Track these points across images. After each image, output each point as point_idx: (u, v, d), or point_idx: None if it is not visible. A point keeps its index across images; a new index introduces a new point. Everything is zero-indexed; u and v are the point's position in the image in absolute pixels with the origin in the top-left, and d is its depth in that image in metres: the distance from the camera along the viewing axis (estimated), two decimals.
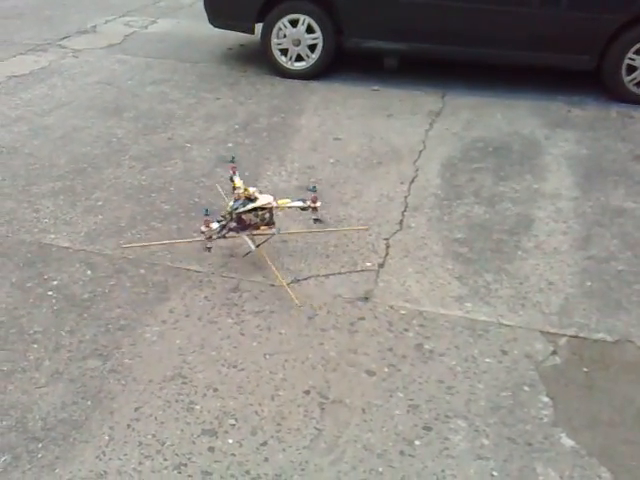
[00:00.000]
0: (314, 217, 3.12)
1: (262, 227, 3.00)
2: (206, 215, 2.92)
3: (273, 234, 3.05)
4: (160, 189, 3.75)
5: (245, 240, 3.03)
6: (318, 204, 3.05)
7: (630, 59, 4.89)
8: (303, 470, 2.09)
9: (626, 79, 4.95)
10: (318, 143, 4.41)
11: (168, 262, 3.10)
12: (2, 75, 5.40)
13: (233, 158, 3.30)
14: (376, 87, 5.39)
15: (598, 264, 3.12)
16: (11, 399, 2.28)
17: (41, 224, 3.33)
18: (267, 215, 2.99)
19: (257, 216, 2.96)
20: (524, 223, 3.47)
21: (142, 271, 3.04)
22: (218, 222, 2.96)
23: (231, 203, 2.96)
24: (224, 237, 3.01)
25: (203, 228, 2.93)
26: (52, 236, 3.25)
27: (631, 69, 4.92)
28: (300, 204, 3.07)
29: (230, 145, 4.35)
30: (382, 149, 4.33)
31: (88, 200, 3.60)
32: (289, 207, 3.08)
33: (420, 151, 4.31)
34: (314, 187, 3.10)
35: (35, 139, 4.27)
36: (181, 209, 3.56)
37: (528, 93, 5.20)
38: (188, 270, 3.05)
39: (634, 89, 4.97)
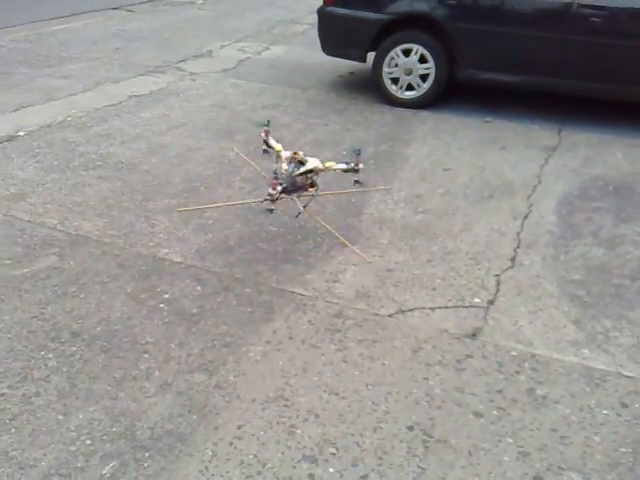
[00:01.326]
0: (355, 179, 3.42)
1: (308, 188, 3.29)
2: (275, 178, 3.12)
3: (314, 195, 3.35)
4: (269, 213, 3.82)
5: (295, 202, 3.30)
6: (361, 166, 3.33)
7: None
8: None
9: None
10: (427, 173, 4.39)
11: (274, 283, 3.14)
12: (124, 94, 5.72)
13: (268, 122, 3.51)
14: (488, 118, 5.32)
15: None
16: (122, 406, 2.36)
17: (156, 238, 3.47)
18: (315, 177, 3.27)
19: (307, 178, 3.23)
20: None
21: (248, 290, 3.10)
22: (280, 185, 3.15)
23: (285, 166, 3.18)
24: (278, 199, 3.22)
25: (271, 190, 3.12)
26: (166, 250, 3.37)
27: None
28: (344, 166, 3.36)
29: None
30: (494, 182, 4.25)
31: (200, 218, 3.72)
32: (334, 169, 3.34)
33: (535, 186, 4.19)
34: (359, 150, 3.35)
35: (153, 157, 4.48)
36: (287, 231, 3.61)
37: None
38: (293, 293, 3.08)
39: None
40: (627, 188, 4.15)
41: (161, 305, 2.96)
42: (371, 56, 5.70)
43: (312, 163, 3.24)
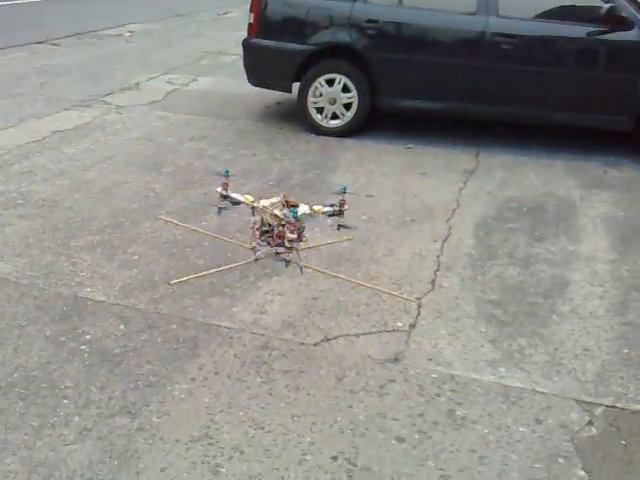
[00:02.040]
0: (339, 223, 3.23)
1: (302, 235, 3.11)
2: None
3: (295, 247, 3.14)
4: (195, 244, 3.80)
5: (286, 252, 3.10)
6: (346, 207, 3.15)
7: None
8: None
9: None
10: (351, 199, 4.41)
11: (200, 317, 3.11)
12: (47, 130, 5.60)
13: (227, 172, 3.25)
14: (410, 145, 5.44)
15: (636, 330, 3.04)
16: (39, 456, 2.28)
17: (78, 277, 3.39)
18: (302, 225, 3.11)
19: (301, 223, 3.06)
20: (559, 286, 3.41)
21: (173, 326, 3.05)
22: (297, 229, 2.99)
23: (278, 212, 2.96)
24: (268, 245, 3.06)
25: (290, 235, 2.97)
26: (88, 289, 3.30)
27: None
28: (329, 209, 3.19)
29: None
30: (415, 207, 4.34)
31: (125, 254, 3.65)
32: (322, 213, 3.18)
33: (454, 209, 4.30)
34: (344, 188, 3.14)
35: (76, 193, 4.38)
36: (214, 264, 3.58)
37: (563, 153, 5.19)
38: (219, 326, 3.05)
39: None
40: (540, 208, 4.30)
41: (82, 347, 2.88)
42: (296, 86, 5.75)
43: (302, 207, 3.06)
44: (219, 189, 3.11)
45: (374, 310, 3.23)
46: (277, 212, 2.90)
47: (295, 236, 2.91)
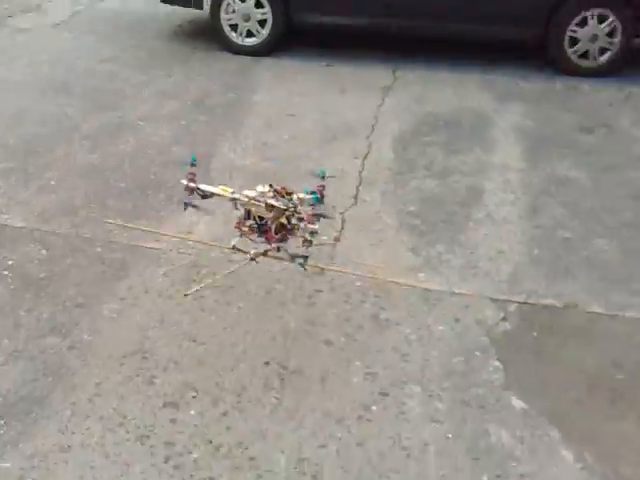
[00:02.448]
0: (317, 212, 2.56)
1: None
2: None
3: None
4: (114, 167, 3.70)
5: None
6: (325, 194, 2.55)
7: (572, 31, 4.98)
8: (264, 438, 2.12)
9: (569, 51, 5.04)
10: (272, 120, 4.40)
11: (125, 240, 3.07)
12: None
13: (194, 159, 2.57)
14: (328, 63, 5.37)
15: (545, 232, 3.21)
16: None
17: None
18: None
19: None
20: (474, 194, 3.54)
21: (99, 250, 3.01)
22: (259, 225, 2.42)
23: (276, 202, 2.36)
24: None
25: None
26: (5, 216, 3.18)
27: (574, 41, 5.01)
28: (311, 196, 2.53)
29: (184, 123, 4.30)
30: (336, 125, 4.34)
31: (41, 180, 3.53)
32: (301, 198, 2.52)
33: (373, 126, 4.33)
34: (324, 171, 2.60)
35: None
36: (136, 187, 3.51)
37: (476, 67, 5.25)
38: (146, 248, 3.03)
39: (577, 61, 5.07)
40: (455, 122, 4.39)
41: (4, 272, 2.81)
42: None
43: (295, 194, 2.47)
44: (184, 181, 2.44)
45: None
46: (274, 202, 2.32)
47: (317, 226, 2.37)
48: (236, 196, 2.39)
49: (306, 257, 2.42)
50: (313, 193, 2.47)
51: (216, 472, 2.00)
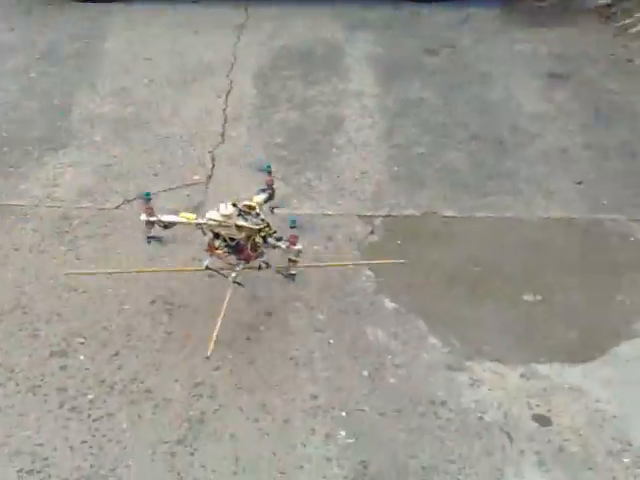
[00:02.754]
0: (271, 206, 2.45)
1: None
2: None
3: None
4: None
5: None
6: (275, 187, 2.44)
7: None
8: (158, 370, 2.17)
9: None
10: (128, 65, 4.25)
11: None
12: None
13: (148, 195, 2.34)
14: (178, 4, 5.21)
15: (402, 151, 3.39)
16: None
17: None
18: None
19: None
20: (335, 123, 3.64)
21: None
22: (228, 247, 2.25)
23: (242, 222, 2.20)
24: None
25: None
26: None
27: None
28: (264, 196, 2.41)
29: (33, 75, 4.06)
30: (194, 65, 4.27)
31: None
32: (263, 202, 2.40)
33: (232, 64, 4.29)
34: (268, 166, 2.46)
35: None
36: None
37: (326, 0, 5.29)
38: (9, 205, 2.91)
39: None
40: (310, 54, 4.44)
41: None
42: None
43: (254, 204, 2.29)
44: (143, 217, 2.27)
45: (170, 168, 3.25)
46: (243, 223, 2.19)
47: (301, 247, 2.27)
48: (201, 221, 2.22)
49: (294, 275, 2.30)
50: (263, 190, 2.41)
51: (114, 408, 2.03)
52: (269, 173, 2.42)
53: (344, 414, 1.99)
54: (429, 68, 4.25)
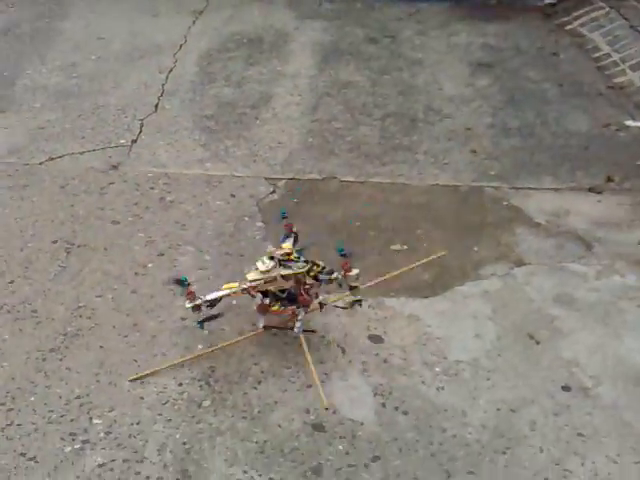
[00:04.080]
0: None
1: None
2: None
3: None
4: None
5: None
6: (294, 230, 2.37)
7: None
8: (46, 296, 2.44)
9: None
10: (81, 43, 4.55)
11: None
12: None
13: (185, 278, 2.19)
14: None
15: (321, 125, 3.66)
16: None
17: None
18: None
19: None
20: (265, 99, 3.92)
21: None
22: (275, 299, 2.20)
23: (284, 271, 2.16)
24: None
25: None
26: None
27: None
28: (292, 240, 2.35)
29: None
30: (145, 45, 4.56)
31: None
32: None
33: (181, 45, 4.59)
34: (283, 212, 2.44)
35: None
36: None
37: None
38: None
39: None
40: (258, 39, 4.73)
41: None
42: None
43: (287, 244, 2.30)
44: (187, 304, 2.17)
45: (99, 133, 3.53)
46: (288, 271, 2.15)
47: (357, 271, 2.19)
48: (245, 286, 2.17)
49: (360, 300, 2.25)
50: (287, 236, 2.35)
51: None
52: (285, 218, 2.41)
53: (207, 332, 2.23)
54: (366, 55, 4.53)
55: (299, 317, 2.16)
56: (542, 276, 2.55)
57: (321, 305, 2.23)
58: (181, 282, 2.17)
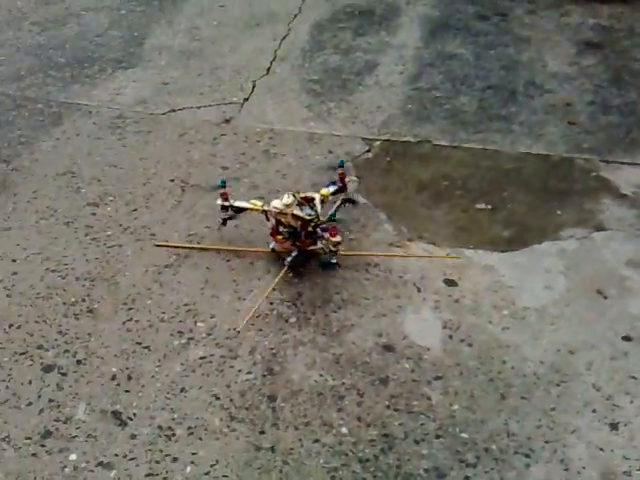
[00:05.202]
0: (344, 197, 2.84)
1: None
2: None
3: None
4: (57, 47, 4.33)
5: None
6: (347, 180, 2.84)
7: None
8: (163, 223, 2.86)
9: None
10: (205, 9, 5.01)
11: (62, 99, 3.74)
12: None
13: (223, 182, 2.75)
14: None
15: (421, 93, 3.91)
16: None
17: None
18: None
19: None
20: (370, 67, 4.21)
21: (39, 105, 3.68)
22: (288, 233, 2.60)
23: (300, 212, 2.54)
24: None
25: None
26: None
27: None
28: (334, 188, 2.78)
29: (123, 12, 4.90)
30: (262, 14, 4.96)
31: None
32: (331, 194, 2.74)
33: (295, 15, 4.95)
34: (342, 161, 2.89)
35: None
36: (75, 62, 4.16)
37: None
38: (79, 104, 3.71)
39: None
40: (370, 12, 5.02)
41: None
42: None
43: (317, 198, 2.65)
44: (218, 201, 2.70)
45: (215, 90, 3.95)
46: (299, 212, 2.52)
47: (340, 239, 2.52)
48: (266, 208, 2.59)
49: (334, 264, 2.58)
50: (333, 183, 2.77)
51: (122, 241, 2.75)
52: (341, 167, 2.79)
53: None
54: (473, 31, 4.71)
55: (293, 254, 2.58)
56: (619, 241, 2.71)
57: (316, 252, 2.60)
58: (220, 183, 2.73)
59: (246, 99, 3.86)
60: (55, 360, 2.25)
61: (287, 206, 2.51)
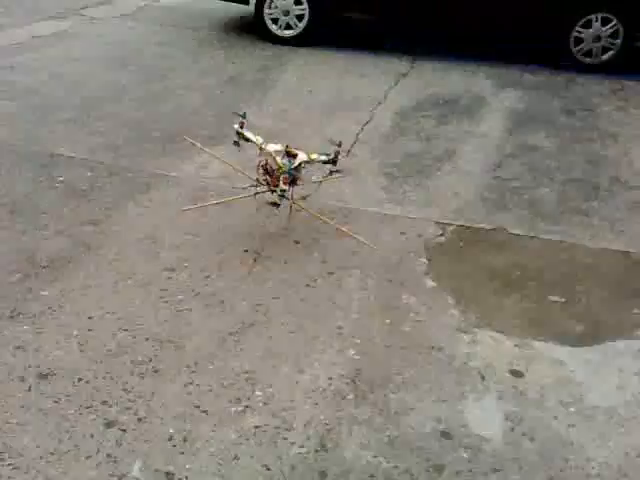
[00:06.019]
0: (332, 169, 3.43)
1: (298, 181, 3.33)
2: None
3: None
4: (153, 122, 4.67)
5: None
6: (340, 157, 3.41)
7: (577, 32, 5.71)
8: (234, 290, 2.97)
9: (574, 49, 5.76)
10: (293, 94, 5.31)
11: (153, 169, 4.01)
12: (27, 36, 6.36)
13: (244, 114, 3.49)
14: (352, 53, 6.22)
15: (500, 182, 3.96)
16: (24, 246, 3.20)
17: (54, 141, 4.26)
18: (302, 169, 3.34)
19: (299, 171, 3.31)
20: (449, 154, 4.32)
21: (130, 174, 3.95)
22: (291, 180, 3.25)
23: (280, 160, 3.24)
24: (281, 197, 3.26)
25: (283, 186, 3.24)
26: (62, 148, 4.17)
27: (578, 41, 5.73)
28: (325, 158, 3.39)
29: (218, 92, 5.25)
30: (347, 100, 5.21)
31: (93, 127, 4.52)
32: (318, 161, 3.39)
33: (379, 102, 5.17)
34: (340, 142, 3.42)
35: (53, 83, 5.21)
36: (169, 136, 4.46)
37: (490, 61, 6.02)
38: (168, 175, 3.95)
39: (581, 58, 5.78)
40: (454, 101, 5.18)
41: (57, 185, 3.77)
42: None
43: (301, 156, 3.29)
44: (236, 126, 3.44)
45: None
46: (278, 160, 3.22)
47: (287, 187, 3.21)
48: (262, 146, 3.31)
49: (274, 203, 3.27)
50: (327, 154, 3.38)
51: (191, 305, 2.86)
52: (339, 146, 3.39)
53: (358, 341, 2.62)
54: (558, 124, 4.78)
55: (261, 187, 3.29)
56: None
57: (271, 191, 3.29)
58: (242, 114, 3.45)
59: (324, 177, 4.00)
60: (117, 416, 2.34)
61: (275, 152, 3.24)
